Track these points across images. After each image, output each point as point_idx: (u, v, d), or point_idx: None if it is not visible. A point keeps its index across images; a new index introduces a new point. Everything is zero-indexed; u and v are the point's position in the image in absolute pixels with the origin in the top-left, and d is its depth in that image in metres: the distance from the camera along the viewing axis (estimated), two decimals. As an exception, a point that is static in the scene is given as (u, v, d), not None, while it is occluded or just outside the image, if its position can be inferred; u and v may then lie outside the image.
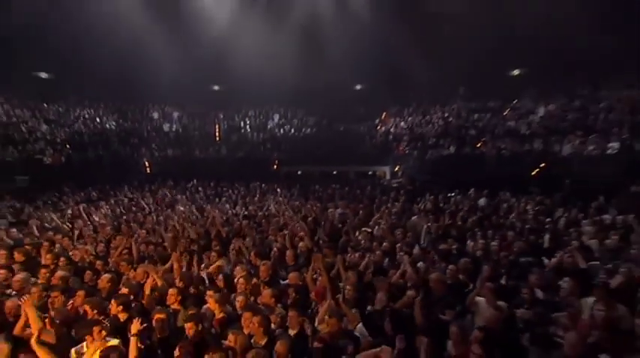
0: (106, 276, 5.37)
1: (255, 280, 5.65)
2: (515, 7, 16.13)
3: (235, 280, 5.46)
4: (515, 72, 21.49)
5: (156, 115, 24.33)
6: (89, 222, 9.16)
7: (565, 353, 3.71)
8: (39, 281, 5.13)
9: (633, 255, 6.12)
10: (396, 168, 19.84)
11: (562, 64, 17.34)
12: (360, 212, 10.85)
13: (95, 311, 4.31)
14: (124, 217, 10.44)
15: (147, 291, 5.03)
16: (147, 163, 20.16)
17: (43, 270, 5.47)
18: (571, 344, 3.69)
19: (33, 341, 3.61)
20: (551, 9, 14.81)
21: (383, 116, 24.02)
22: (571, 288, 5.00)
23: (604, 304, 4.37)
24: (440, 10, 17.55)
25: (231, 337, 4.05)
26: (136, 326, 3.77)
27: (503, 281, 5.88)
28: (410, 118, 22.64)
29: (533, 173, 14.25)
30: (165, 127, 23.65)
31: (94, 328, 3.75)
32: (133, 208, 11.92)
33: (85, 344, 3.75)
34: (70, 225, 8.87)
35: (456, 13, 17.36)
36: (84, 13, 17.10)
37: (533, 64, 19.68)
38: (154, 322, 4.22)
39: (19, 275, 5.05)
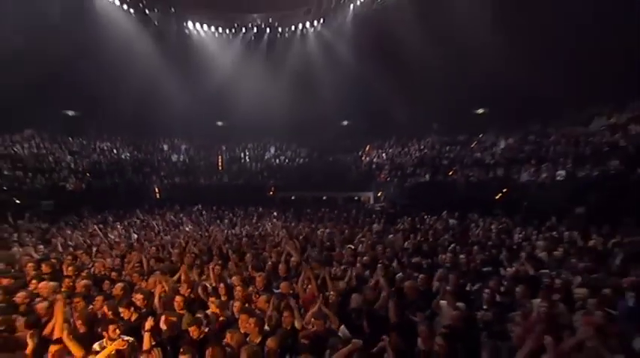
0: (119, 285, 5.51)
1: (251, 288, 5.79)
2: (478, 56, 16.69)
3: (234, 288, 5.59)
4: (480, 111, 22.02)
5: (166, 147, 24.45)
6: (105, 240, 9.24)
7: (514, 344, 3.92)
8: (62, 290, 5.25)
9: (573, 263, 6.44)
10: (379, 194, 20.07)
11: (517, 104, 17.87)
12: (346, 231, 11.05)
13: (111, 313, 4.46)
14: (137, 236, 10.50)
15: (156, 297, 5.16)
16: (157, 189, 20.14)
17: (66, 280, 5.58)
18: (518, 336, 3.92)
19: (65, 338, 3.75)
20: (508, 60, 15.26)
21: (367, 148, 24.42)
22: (523, 292, 5.24)
23: (547, 302, 4.61)
24: (415, 58, 18.11)
25: (228, 335, 4.18)
26: (149, 323, 3.94)
27: (468, 288, 6.11)
28: (390, 150, 23.06)
29: (497, 197, 14.55)
30: (174, 158, 23.71)
31: (110, 326, 3.90)
32: (145, 228, 11.98)
33: (104, 340, 3.88)
34: (89, 243, 8.93)
35: (429, 61, 17.89)
36: (106, 60, 17.49)
37: (494, 104, 20.24)
38: (164, 323, 4.36)
39: (49, 284, 5.18)
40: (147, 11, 18.29)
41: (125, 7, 17.63)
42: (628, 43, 13.24)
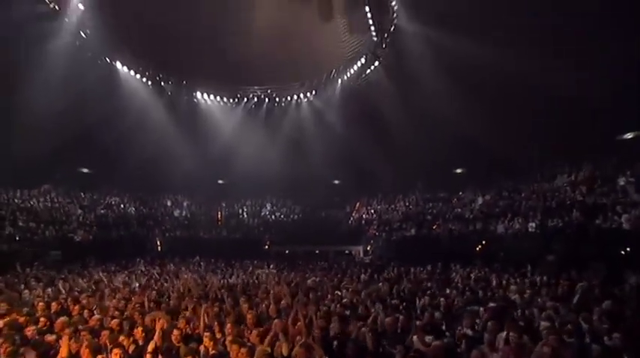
0: (115, 321, 5.71)
1: (242, 326, 5.96)
2: (452, 123, 17.19)
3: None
4: (458, 170, 22.92)
5: (169, 203, 24.72)
6: (110, 286, 9.33)
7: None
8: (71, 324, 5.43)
9: (541, 303, 6.74)
10: (368, 247, 20.21)
11: (490, 165, 18.84)
12: (335, 280, 11.21)
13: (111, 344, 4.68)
14: (138, 283, 10.55)
15: (157, 331, 5.33)
16: (159, 242, 20.16)
17: (73, 318, 5.77)
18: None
19: None
20: (480, 127, 15.88)
21: (357, 205, 24.92)
22: (493, 327, 5.50)
23: (516, 333, 4.89)
24: (396, 125, 18.98)
25: None
26: (151, 347, 4.15)
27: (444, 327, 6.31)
28: (378, 207, 23.58)
29: (477, 248, 14.86)
30: (176, 213, 23.92)
31: (115, 350, 4.10)
32: (146, 276, 12.02)
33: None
34: (94, 288, 9.02)
35: (409, 128, 18.62)
36: (124, 124, 18.26)
37: (470, 165, 21.27)
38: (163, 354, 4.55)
39: (61, 319, 5.41)
40: (162, 83, 19.68)
41: (144, 79, 18.99)
42: (581, 115, 14.50)
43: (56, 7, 13.83)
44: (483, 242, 14.91)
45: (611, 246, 10.45)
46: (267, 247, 21.12)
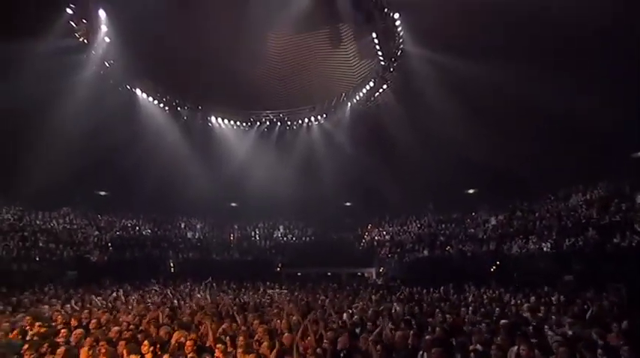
0: (130, 333, 5.93)
1: (253, 340, 6.08)
2: (461, 144, 17.37)
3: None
4: (471, 191, 22.92)
5: (183, 225, 25.09)
6: (125, 304, 9.55)
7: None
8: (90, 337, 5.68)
9: (554, 320, 6.69)
10: (381, 269, 20.06)
11: (502, 185, 18.69)
12: (346, 300, 11.19)
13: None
14: (152, 300, 10.75)
15: (173, 342, 5.52)
16: (171, 264, 20.38)
17: (91, 331, 6.04)
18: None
19: None
20: (489, 147, 16.11)
21: (369, 227, 24.92)
22: (503, 342, 5.50)
23: (526, 346, 4.90)
24: (405, 146, 19.19)
25: None
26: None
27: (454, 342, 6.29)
28: (390, 228, 23.55)
29: (491, 269, 14.66)
30: (189, 235, 24.21)
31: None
32: (160, 295, 12.21)
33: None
34: (111, 305, 9.27)
35: (418, 149, 18.77)
36: (141, 148, 18.85)
37: (484, 185, 21.15)
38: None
39: (77, 331, 5.68)
40: (178, 108, 20.51)
41: (161, 104, 19.87)
42: (595, 134, 14.46)
43: (85, 40, 14.87)
44: (497, 263, 14.72)
45: (631, 264, 10.24)
46: (279, 269, 21.14)
